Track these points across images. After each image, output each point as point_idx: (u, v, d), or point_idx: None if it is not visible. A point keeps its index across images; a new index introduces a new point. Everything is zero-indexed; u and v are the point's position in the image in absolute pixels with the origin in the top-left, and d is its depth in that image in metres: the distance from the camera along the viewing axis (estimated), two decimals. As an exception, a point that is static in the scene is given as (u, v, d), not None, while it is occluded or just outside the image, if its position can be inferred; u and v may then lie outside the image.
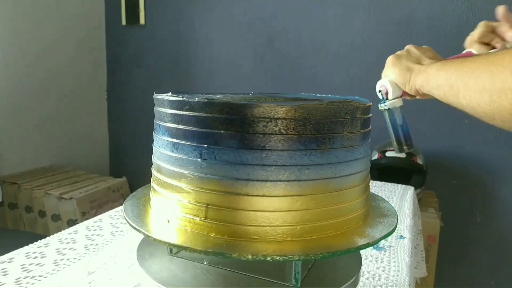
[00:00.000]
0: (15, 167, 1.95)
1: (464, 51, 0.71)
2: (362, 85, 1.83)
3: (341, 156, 0.38)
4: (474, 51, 0.67)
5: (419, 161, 1.53)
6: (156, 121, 0.42)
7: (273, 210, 0.36)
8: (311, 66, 1.94)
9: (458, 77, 0.49)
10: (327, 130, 0.37)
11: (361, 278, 0.65)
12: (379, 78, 0.72)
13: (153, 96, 0.42)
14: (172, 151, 0.39)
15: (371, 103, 0.43)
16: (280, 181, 0.36)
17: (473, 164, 1.70)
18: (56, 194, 1.72)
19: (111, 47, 2.45)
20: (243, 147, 0.35)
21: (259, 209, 0.36)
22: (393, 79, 0.65)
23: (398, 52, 0.66)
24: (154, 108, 0.43)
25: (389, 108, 0.67)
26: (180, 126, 0.38)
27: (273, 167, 0.35)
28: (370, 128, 0.43)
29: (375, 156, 1.55)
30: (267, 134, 0.35)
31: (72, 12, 2.21)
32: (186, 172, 0.38)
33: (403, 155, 1.52)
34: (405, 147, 0.67)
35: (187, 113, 0.38)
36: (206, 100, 0.36)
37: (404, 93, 0.66)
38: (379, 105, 0.68)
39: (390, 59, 0.66)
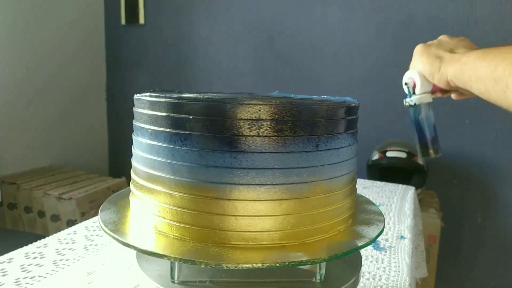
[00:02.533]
0: (14, 167, 1.95)
1: None
2: (362, 85, 1.83)
3: (325, 158, 0.37)
4: None
5: (420, 161, 1.53)
6: (134, 122, 0.41)
7: (254, 215, 0.34)
8: (312, 66, 1.94)
9: (507, 69, 0.41)
10: (309, 131, 0.35)
11: (361, 279, 0.64)
12: (380, 78, 0.69)
13: (134, 97, 0.41)
14: (148, 153, 0.38)
15: (357, 104, 0.41)
16: (261, 184, 0.34)
17: (474, 164, 1.70)
18: (56, 194, 1.72)
19: (111, 47, 2.45)
20: (222, 150, 0.34)
21: (239, 214, 0.34)
22: (420, 70, 0.57)
23: (429, 42, 0.59)
24: (133, 108, 0.41)
25: (415, 104, 0.59)
26: (155, 127, 0.37)
27: (254, 170, 0.34)
28: (357, 129, 0.42)
29: (376, 156, 1.55)
30: (246, 136, 0.33)
31: (71, 11, 2.21)
32: (162, 175, 0.36)
33: (403, 155, 1.51)
34: (431, 151, 0.59)
35: (161, 113, 0.36)
36: (178, 100, 0.35)
37: (436, 89, 0.58)
38: (404, 100, 0.60)
39: (418, 48, 0.59)
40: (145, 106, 0.38)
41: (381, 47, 1.78)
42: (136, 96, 0.40)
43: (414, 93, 0.59)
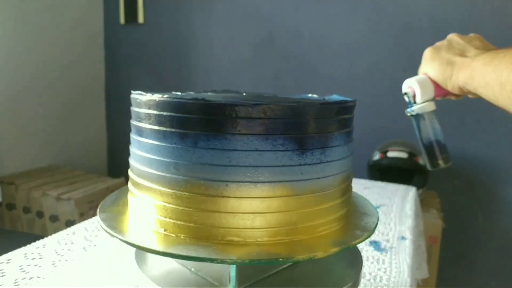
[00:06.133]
0: (13, 167, 1.95)
1: None
2: (363, 84, 1.82)
3: (319, 157, 0.37)
4: None
5: (421, 161, 1.53)
6: (131, 121, 0.41)
7: (250, 212, 0.35)
8: (312, 64, 1.94)
9: (511, 74, 0.41)
10: (303, 130, 0.36)
11: (362, 280, 0.64)
12: (381, 76, 0.68)
13: (130, 95, 0.41)
14: (145, 151, 0.38)
15: (352, 103, 0.41)
16: (256, 182, 0.35)
17: (475, 165, 1.69)
18: (54, 195, 1.72)
19: (110, 46, 2.45)
20: (217, 148, 0.35)
21: (237, 211, 0.35)
22: (432, 77, 0.54)
23: (438, 43, 0.56)
24: (130, 108, 0.42)
25: (417, 114, 0.56)
26: (151, 126, 0.38)
27: (249, 168, 0.35)
28: (351, 128, 0.42)
29: (377, 157, 1.55)
30: (241, 134, 0.34)
31: (70, 11, 2.20)
32: (159, 173, 0.37)
33: (404, 155, 1.51)
34: (440, 161, 0.56)
35: (158, 112, 0.37)
36: (173, 99, 0.36)
37: (440, 93, 0.55)
38: (405, 110, 0.57)
39: (427, 52, 0.56)
40: (142, 105, 0.39)
41: (382, 45, 1.78)
42: (132, 95, 0.41)
43: (415, 102, 0.56)
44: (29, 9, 1.97)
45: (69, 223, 1.68)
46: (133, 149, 0.41)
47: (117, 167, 2.52)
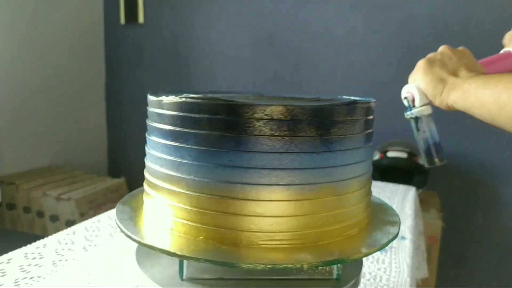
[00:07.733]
0: (13, 167, 1.95)
1: (502, 51, 0.66)
2: (363, 84, 1.82)
3: (342, 159, 0.36)
4: None
5: (421, 161, 1.53)
6: (148, 122, 0.41)
7: (270, 216, 0.34)
8: (313, 63, 1.94)
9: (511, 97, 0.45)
10: (326, 131, 0.35)
11: (362, 280, 0.64)
12: (381, 76, 0.70)
13: (148, 96, 0.41)
14: (163, 152, 0.38)
15: (374, 103, 0.41)
16: (277, 185, 0.34)
17: (476, 165, 1.69)
18: (55, 195, 1.72)
19: (110, 47, 2.45)
20: (238, 149, 0.34)
21: (255, 215, 0.34)
22: (422, 89, 0.60)
23: (431, 56, 0.60)
24: (147, 108, 0.41)
25: (416, 117, 0.61)
26: (171, 127, 0.37)
27: (267, 170, 0.34)
28: (373, 130, 0.42)
29: (377, 156, 1.55)
30: (262, 136, 0.33)
31: (70, 11, 2.20)
32: (177, 174, 0.36)
33: (404, 155, 1.51)
34: (435, 160, 0.62)
35: (178, 113, 0.36)
36: (196, 101, 0.35)
37: None
38: (405, 113, 0.63)
39: (421, 64, 0.60)
40: (161, 106, 0.38)
41: (383, 44, 1.78)
42: (150, 96, 0.40)
43: (414, 106, 0.61)
44: (29, 9, 1.97)
45: (69, 223, 1.68)
46: (149, 150, 0.40)
47: (117, 167, 2.52)
